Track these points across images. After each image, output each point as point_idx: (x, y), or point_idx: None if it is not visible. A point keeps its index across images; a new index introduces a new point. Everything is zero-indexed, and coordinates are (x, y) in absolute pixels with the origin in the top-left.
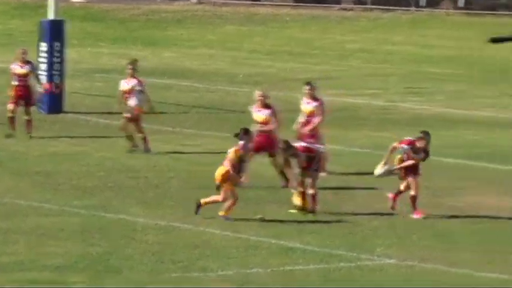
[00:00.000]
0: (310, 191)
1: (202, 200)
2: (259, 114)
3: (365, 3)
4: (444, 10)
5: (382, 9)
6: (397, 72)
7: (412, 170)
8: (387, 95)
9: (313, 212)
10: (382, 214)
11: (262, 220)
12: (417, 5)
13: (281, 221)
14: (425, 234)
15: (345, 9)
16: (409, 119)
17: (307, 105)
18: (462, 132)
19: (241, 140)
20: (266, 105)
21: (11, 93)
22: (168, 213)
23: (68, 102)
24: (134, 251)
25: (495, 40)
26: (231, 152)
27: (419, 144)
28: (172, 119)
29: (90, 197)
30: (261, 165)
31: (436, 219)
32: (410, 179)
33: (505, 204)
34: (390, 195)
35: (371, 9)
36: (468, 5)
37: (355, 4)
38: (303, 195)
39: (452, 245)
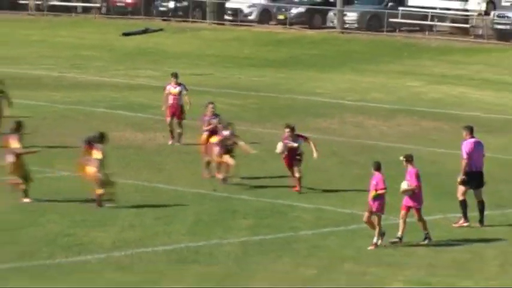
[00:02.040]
0: None
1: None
2: None
3: (43, 10)
4: (93, 15)
5: (54, 14)
6: (62, 55)
7: None
8: (59, 69)
9: None
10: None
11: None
12: (76, 11)
13: None
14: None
15: (31, 14)
16: (73, 84)
17: None
18: (107, 93)
19: (100, 143)
20: None
21: None
22: None
23: None
24: None
25: (126, 34)
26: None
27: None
28: None
29: None
30: None
31: None
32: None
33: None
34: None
35: (47, 14)
36: (108, 11)
37: (37, 11)
38: None
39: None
